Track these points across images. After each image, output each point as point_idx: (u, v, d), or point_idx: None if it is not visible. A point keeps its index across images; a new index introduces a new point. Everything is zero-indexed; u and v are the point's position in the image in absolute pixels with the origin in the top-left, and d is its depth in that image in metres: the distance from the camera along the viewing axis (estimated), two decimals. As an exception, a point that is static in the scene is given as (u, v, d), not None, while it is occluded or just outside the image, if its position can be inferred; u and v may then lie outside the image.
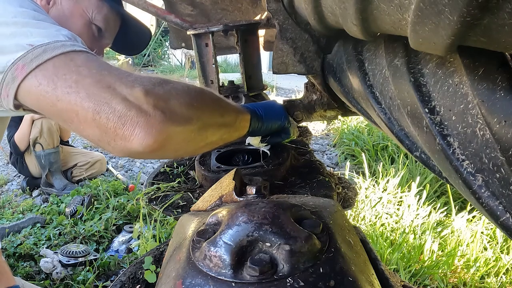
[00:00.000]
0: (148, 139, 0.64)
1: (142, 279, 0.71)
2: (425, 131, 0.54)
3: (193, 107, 0.72)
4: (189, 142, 0.72)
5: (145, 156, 0.68)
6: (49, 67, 0.65)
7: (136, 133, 0.63)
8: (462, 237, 2.07)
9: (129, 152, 0.66)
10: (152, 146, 0.65)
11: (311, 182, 0.95)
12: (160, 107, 0.66)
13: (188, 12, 1.71)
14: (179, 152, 0.75)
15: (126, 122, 0.63)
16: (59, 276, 1.98)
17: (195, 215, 0.72)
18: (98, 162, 3.36)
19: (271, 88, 6.71)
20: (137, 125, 0.63)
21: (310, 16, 0.83)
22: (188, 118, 0.70)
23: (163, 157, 0.81)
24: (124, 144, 0.65)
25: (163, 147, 0.67)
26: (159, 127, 0.65)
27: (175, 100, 0.69)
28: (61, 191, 3.07)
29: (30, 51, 0.66)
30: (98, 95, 0.64)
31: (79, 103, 0.63)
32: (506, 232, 0.44)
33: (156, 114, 0.65)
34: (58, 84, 0.64)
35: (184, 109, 0.70)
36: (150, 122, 0.64)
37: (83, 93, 0.63)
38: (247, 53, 1.32)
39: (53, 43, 0.67)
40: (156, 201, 0.98)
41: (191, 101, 0.72)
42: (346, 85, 0.93)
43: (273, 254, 0.49)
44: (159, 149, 0.66)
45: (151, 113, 0.64)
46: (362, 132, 3.75)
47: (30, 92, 0.66)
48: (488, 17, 0.31)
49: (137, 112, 0.64)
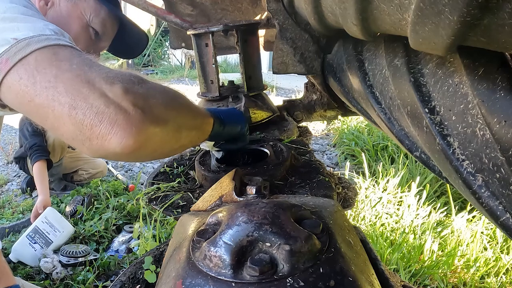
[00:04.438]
0: (128, 139, 0.60)
1: (142, 279, 0.71)
2: (425, 131, 0.54)
3: (170, 107, 0.71)
4: (165, 143, 0.70)
5: (121, 157, 0.64)
6: (31, 61, 0.63)
7: (114, 132, 0.60)
8: (462, 237, 2.07)
9: (105, 152, 0.62)
10: (132, 146, 0.61)
11: (311, 182, 0.95)
12: (140, 106, 0.63)
13: (188, 12, 1.71)
14: (155, 153, 0.72)
15: (104, 120, 0.60)
16: (59, 276, 1.98)
17: (195, 215, 0.72)
18: (99, 173, 3.35)
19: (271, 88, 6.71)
20: (116, 123, 0.60)
21: (310, 16, 0.83)
22: (165, 119, 0.68)
23: (138, 159, 0.76)
24: (100, 143, 0.61)
25: (142, 148, 0.63)
26: (139, 126, 0.61)
27: (153, 100, 0.67)
28: (61, 192, 3.08)
29: (14, 45, 0.64)
30: (76, 90, 0.61)
31: (56, 98, 0.60)
32: (506, 232, 0.44)
33: (135, 113, 0.62)
34: (38, 78, 0.62)
35: (162, 109, 0.68)
36: (130, 121, 0.61)
37: (61, 87, 0.61)
38: (247, 53, 1.32)
39: (37, 37, 0.66)
40: (156, 201, 0.98)
41: (168, 102, 0.71)
42: (346, 85, 0.93)
43: (273, 254, 0.49)
44: (138, 150, 0.63)
45: (131, 111, 0.61)
46: (362, 132, 3.75)
47: (11, 88, 0.64)
48: (488, 17, 0.31)
49: (116, 110, 0.60)
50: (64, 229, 2.28)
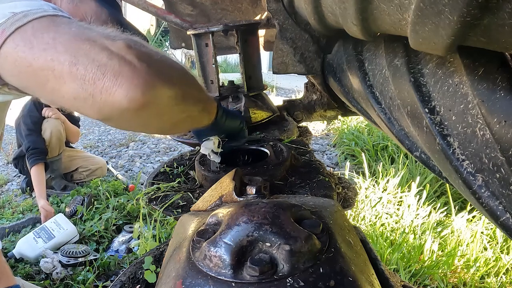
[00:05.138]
0: (135, 90, 0.56)
1: (142, 279, 0.71)
2: (425, 131, 0.54)
3: (176, 72, 0.67)
4: (172, 108, 0.66)
5: (128, 115, 0.59)
6: (28, 29, 0.60)
7: (119, 83, 0.56)
8: (462, 237, 2.07)
9: (111, 109, 0.57)
10: (140, 100, 0.57)
11: (311, 182, 0.95)
12: (145, 60, 0.59)
13: (188, 12, 1.71)
14: (163, 119, 0.67)
15: (107, 72, 0.56)
16: (59, 276, 1.98)
17: (195, 215, 0.72)
18: (99, 170, 3.35)
19: (271, 88, 6.71)
20: (120, 74, 0.56)
21: (310, 16, 0.83)
22: (172, 79, 0.64)
23: (145, 123, 0.68)
24: (105, 98, 0.56)
25: (150, 105, 0.59)
26: (146, 78, 0.57)
27: (159, 58, 0.63)
28: (61, 192, 3.08)
29: (11, 17, 0.61)
30: (77, 47, 0.57)
31: (56, 58, 0.57)
32: (506, 232, 0.44)
33: (141, 66, 0.58)
34: (35, 42, 0.58)
35: (168, 70, 0.64)
36: (136, 72, 0.57)
37: (60, 47, 0.57)
38: (247, 53, 1.32)
39: (35, 10, 0.63)
40: (156, 201, 0.98)
41: (174, 66, 0.67)
42: (346, 85, 0.93)
43: (273, 254, 0.49)
44: (146, 106, 0.58)
45: (136, 63, 0.57)
46: (362, 132, 3.75)
47: (7, 58, 0.60)
48: (488, 17, 0.31)
49: (120, 61, 0.56)
50: (68, 228, 2.32)
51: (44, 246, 2.19)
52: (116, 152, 4.37)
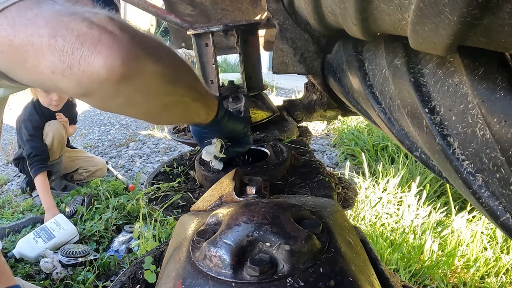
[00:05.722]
0: (114, 58, 0.53)
1: (142, 279, 0.71)
2: (425, 131, 0.54)
3: (165, 49, 0.63)
4: (158, 87, 0.62)
5: (108, 86, 0.55)
6: (13, 9, 0.58)
7: (98, 50, 0.52)
8: (462, 237, 2.07)
9: (89, 80, 0.54)
10: (119, 69, 0.53)
11: (311, 182, 0.95)
12: (128, 31, 0.56)
13: (188, 12, 1.71)
14: (147, 98, 0.63)
15: (86, 41, 0.52)
16: (59, 276, 1.98)
17: (195, 215, 0.72)
18: (99, 171, 3.35)
19: (271, 88, 6.71)
20: (100, 42, 0.53)
21: (310, 16, 0.83)
22: (159, 56, 0.60)
23: (129, 103, 0.63)
24: (82, 69, 0.53)
25: (131, 78, 0.55)
26: (128, 48, 0.54)
27: (144, 33, 0.60)
28: (62, 192, 3.08)
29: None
30: (57, 20, 0.54)
31: (35, 32, 0.54)
32: (506, 232, 0.44)
33: (124, 36, 0.54)
34: (17, 20, 0.56)
35: (155, 45, 0.61)
36: (117, 40, 0.53)
37: (41, 21, 0.55)
38: (247, 53, 1.32)
39: None
40: (156, 201, 0.98)
41: (163, 45, 0.63)
42: (346, 85, 0.93)
43: (273, 254, 0.49)
44: (126, 79, 0.55)
45: (118, 33, 0.54)
46: (362, 132, 3.75)
47: None
48: (488, 17, 0.31)
49: (100, 30, 0.53)
50: (68, 228, 2.32)
51: (44, 246, 2.19)
52: (116, 152, 4.37)
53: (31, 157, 2.80)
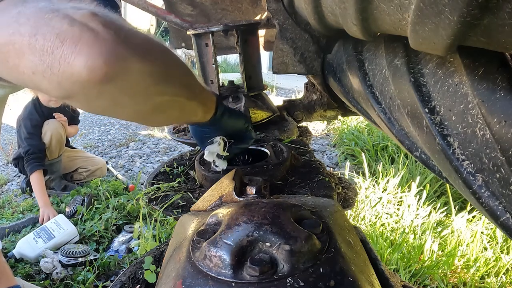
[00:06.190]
0: (96, 58, 0.49)
1: (142, 279, 0.71)
2: (425, 131, 0.54)
3: (154, 45, 0.59)
4: (147, 87, 0.58)
5: (90, 88, 0.52)
6: None
7: (79, 49, 0.49)
8: (462, 237, 2.07)
9: (70, 81, 0.51)
10: (101, 69, 0.50)
11: (311, 182, 0.95)
12: (112, 28, 0.52)
13: (188, 12, 1.71)
14: (135, 99, 0.59)
15: (66, 39, 0.49)
16: (59, 276, 1.98)
17: (195, 215, 0.72)
18: (98, 170, 3.35)
19: (271, 88, 6.71)
20: (80, 41, 0.49)
21: (310, 16, 0.83)
22: (147, 53, 0.57)
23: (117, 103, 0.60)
24: (63, 69, 0.50)
25: (114, 78, 0.52)
26: (111, 46, 0.51)
27: (131, 28, 0.56)
28: (61, 192, 3.08)
29: None
30: (39, 17, 0.51)
31: (17, 30, 0.52)
32: (506, 232, 0.44)
33: (107, 33, 0.51)
34: (1, 20, 0.54)
35: (143, 42, 0.57)
36: (99, 38, 0.50)
37: (23, 19, 0.52)
38: (247, 53, 1.32)
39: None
40: (156, 201, 0.98)
41: (152, 40, 0.60)
42: (346, 85, 0.93)
43: (273, 254, 0.49)
44: (110, 79, 0.51)
45: (100, 30, 0.51)
46: (362, 132, 3.75)
47: None
48: (488, 17, 0.31)
49: (82, 28, 0.50)
50: (68, 228, 2.33)
51: (44, 246, 2.19)
52: (116, 152, 4.37)
53: (28, 154, 2.80)
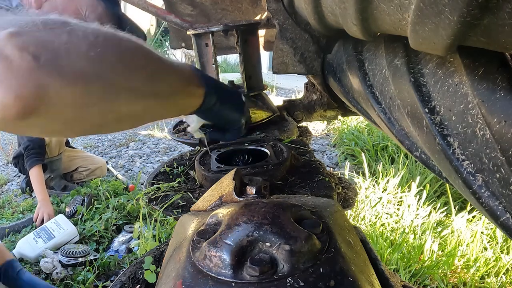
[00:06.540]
0: (6, 93, 0.42)
1: (142, 279, 0.71)
2: (425, 131, 0.54)
3: (94, 58, 0.50)
4: (85, 108, 0.50)
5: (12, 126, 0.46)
6: None
7: None
8: (462, 237, 2.07)
9: None
10: (14, 106, 0.43)
11: (311, 182, 0.95)
12: (31, 51, 0.44)
13: (188, 12, 1.71)
14: (71, 124, 0.51)
15: None
16: (59, 276, 1.98)
17: (195, 215, 0.72)
18: (98, 169, 3.35)
19: (271, 88, 6.71)
20: None
21: (310, 16, 0.83)
22: (79, 72, 0.48)
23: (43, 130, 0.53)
24: None
25: (36, 111, 0.44)
26: (24, 76, 0.43)
27: (62, 46, 0.47)
28: (61, 192, 3.08)
29: None
30: None
31: None
32: (506, 232, 0.44)
33: (21, 60, 0.43)
34: None
35: (74, 59, 0.48)
36: (12, 69, 0.43)
37: None
38: (247, 53, 1.32)
39: None
40: (156, 201, 0.98)
41: (91, 49, 0.49)
42: (346, 85, 0.93)
43: (273, 254, 0.49)
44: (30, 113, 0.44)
45: (15, 57, 0.43)
46: (362, 132, 3.75)
47: None
48: (488, 17, 0.31)
49: None
50: (68, 228, 2.33)
51: (44, 246, 2.20)
52: (116, 152, 4.37)
53: (28, 150, 2.81)
